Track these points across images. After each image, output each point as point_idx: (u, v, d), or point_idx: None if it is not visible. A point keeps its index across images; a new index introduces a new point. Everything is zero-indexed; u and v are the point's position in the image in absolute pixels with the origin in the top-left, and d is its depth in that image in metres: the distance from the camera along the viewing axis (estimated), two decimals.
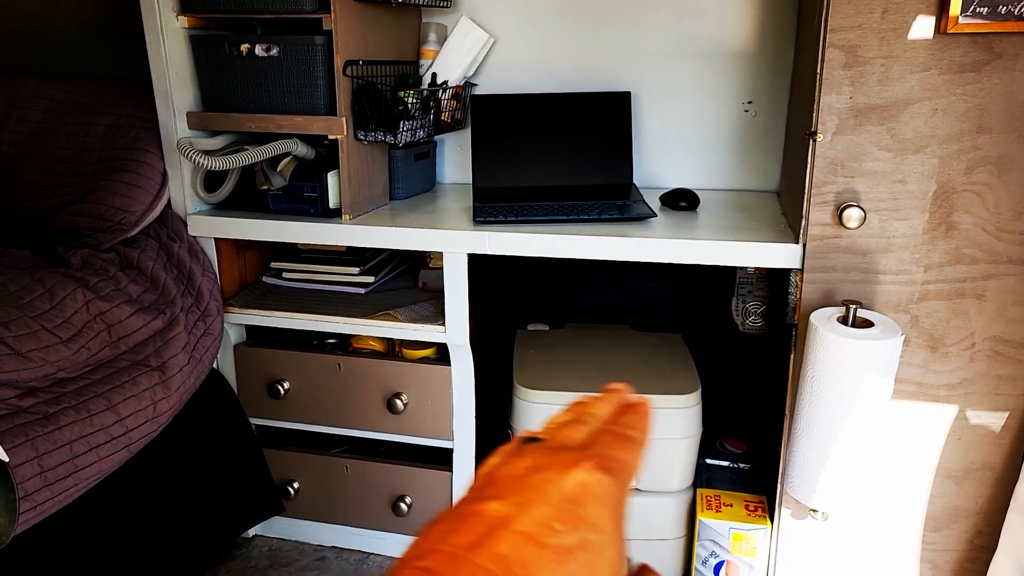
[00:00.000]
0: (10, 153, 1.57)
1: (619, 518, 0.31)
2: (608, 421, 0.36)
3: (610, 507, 0.31)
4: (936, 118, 1.13)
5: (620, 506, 0.31)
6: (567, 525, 0.29)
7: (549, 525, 0.29)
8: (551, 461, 0.32)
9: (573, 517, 0.30)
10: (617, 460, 0.33)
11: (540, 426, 0.36)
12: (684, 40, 1.67)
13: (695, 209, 1.54)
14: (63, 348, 1.18)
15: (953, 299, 1.19)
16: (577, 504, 0.30)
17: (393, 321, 1.50)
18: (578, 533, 0.29)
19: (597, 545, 0.30)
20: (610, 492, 0.31)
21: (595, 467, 0.31)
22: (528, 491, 0.30)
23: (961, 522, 1.29)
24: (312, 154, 1.51)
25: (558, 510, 0.30)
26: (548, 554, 0.28)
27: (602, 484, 0.31)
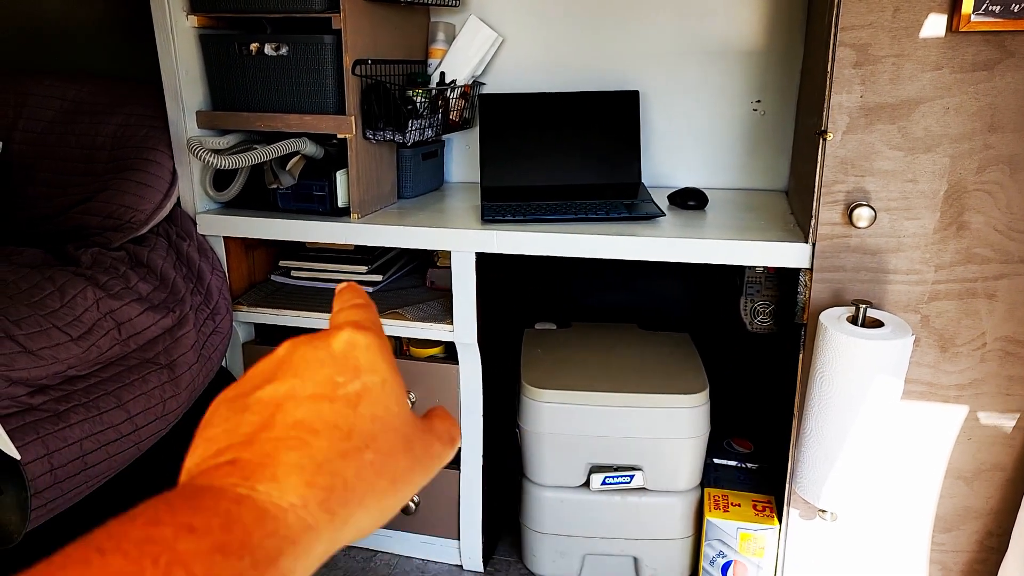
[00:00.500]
0: (21, 152, 1.57)
1: (390, 360, 0.33)
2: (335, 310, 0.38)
3: (378, 352, 0.32)
4: (948, 117, 1.12)
5: (388, 351, 0.33)
6: (347, 376, 0.31)
7: (332, 381, 0.31)
8: (311, 338, 0.33)
9: (351, 368, 0.31)
10: (365, 319, 0.35)
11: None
12: (692, 39, 1.67)
13: (703, 208, 1.54)
14: (73, 346, 1.19)
15: (964, 299, 1.18)
16: (351, 358, 0.32)
17: (401, 320, 1.50)
18: (360, 379, 0.31)
19: (379, 384, 0.32)
20: (373, 342, 0.33)
21: (352, 328, 0.33)
22: (300, 364, 0.31)
23: (971, 523, 1.28)
24: (321, 153, 1.51)
25: (335, 367, 0.31)
26: (340, 403, 0.30)
27: (364, 336, 0.33)
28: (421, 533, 1.63)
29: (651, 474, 1.46)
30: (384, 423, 0.31)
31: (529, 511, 1.54)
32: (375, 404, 0.31)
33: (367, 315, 0.36)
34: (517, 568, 1.63)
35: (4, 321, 1.12)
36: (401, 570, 1.62)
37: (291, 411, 0.29)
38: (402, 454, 0.31)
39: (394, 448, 0.31)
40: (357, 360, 0.32)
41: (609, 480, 1.46)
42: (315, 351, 0.32)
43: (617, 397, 1.42)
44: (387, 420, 0.31)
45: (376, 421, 0.31)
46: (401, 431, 0.32)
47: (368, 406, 0.31)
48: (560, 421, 1.44)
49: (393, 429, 0.31)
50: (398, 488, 0.31)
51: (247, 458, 0.28)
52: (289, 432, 0.29)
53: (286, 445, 0.28)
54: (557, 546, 1.53)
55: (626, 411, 1.42)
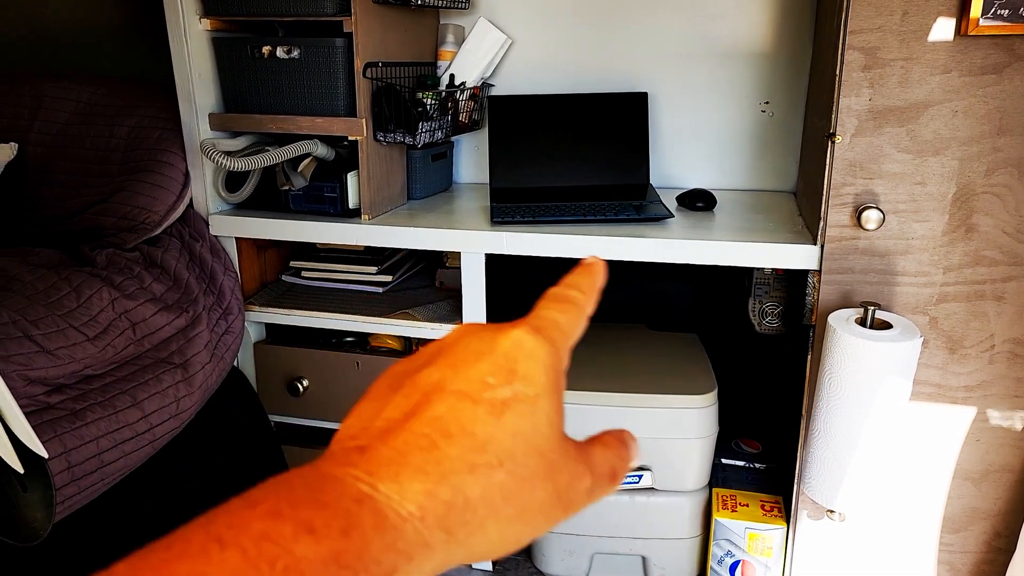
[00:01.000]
0: (37, 154, 1.59)
1: (555, 375, 0.30)
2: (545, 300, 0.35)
3: (544, 364, 0.30)
4: (956, 120, 1.13)
5: (556, 366, 0.31)
6: (500, 378, 0.29)
7: (483, 380, 0.29)
8: (485, 328, 0.31)
9: (506, 371, 0.29)
10: (553, 322, 0.32)
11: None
12: (701, 41, 1.67)
13: (712, 210, 1.55)
14: (89, 345, 1.20)
15: (972, 301, 1.19)
16: (511, 359, 0.29)
17: (411, 320, 1.51)
18: (512, 386, 0.29)
19: (532, 397, 0.29)
20: (544, 350, 0.30)
21: (529, 330, 0.31)
22: (461, 353, 0.30)
23: (979, 524, 1.28)
24: (332, 155, 1.53)
25: (491, 365, 0.29)
26: (483, 408, 0.28)
27: (535, 342, 0.30)
28: None
29: (659, 474, 1.47)
30: (527, 442, 0.28)
31: None
32: (521, 418, 0.28)
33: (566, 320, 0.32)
34: (526, 567, 1.64)
35: (22, 321, 1.14)
36: None
37: (435, 403, 0.28)
38: (541, 482, 0.28)
39: (533, 473, 0.28)
40: (516, 364, 0.29)
41: None
42: (480, 342, 0.30)
43: (625, 397, 1.43)
44: (531, 439, 0.28)
45: (518, 438, 0.28)
46: (547, 456, 0.28)
47: (513, 418, 0.28)
48: (568, 420, 1.45)
49: (536, 451, 0.28)
50: (527, 520, 0.28)
51: (378, 449, 0.27)
52: (423, 428, 0.27)
53: (417, 444, 0.27)
54: (566, 545, 1.54)
55: (634, 411, 1.43)
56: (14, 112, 1.63)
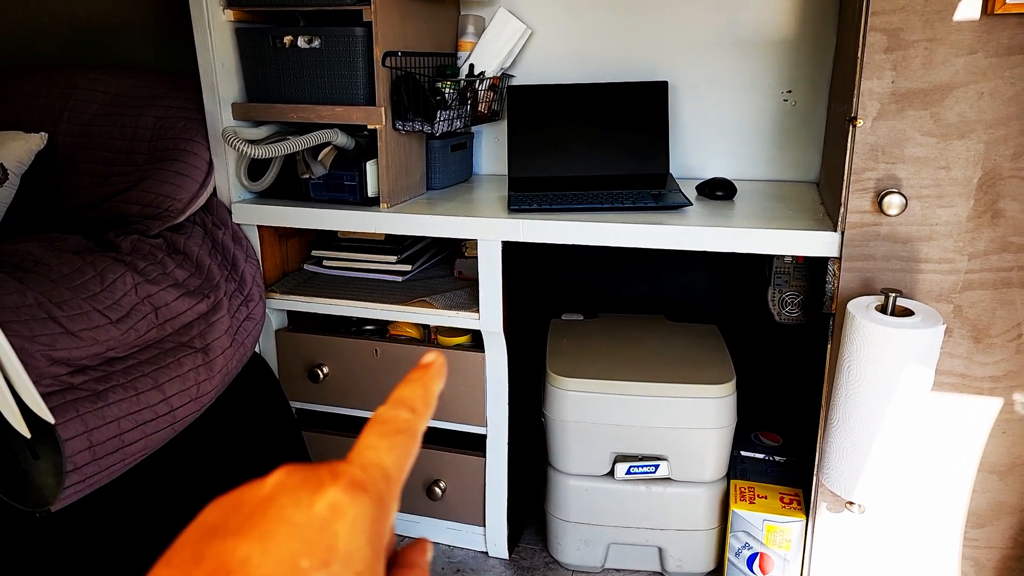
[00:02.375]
0: (67, 144, 1.63)
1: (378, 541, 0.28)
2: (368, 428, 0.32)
3: (366, 532, 0.27)
4: (982, 102, 1.10)
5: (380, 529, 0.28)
6: (315, 560, 0.26)
7: (295, 563, 0.26)
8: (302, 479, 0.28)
9: (322, 550, 0.26)
10: (379, 468, 0.29)
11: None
12: (722, 29, 1.65)
13: (732, 198, 1.53)
14: (112, 328, 1.23)
15: (999, 288, 1.16)
16: (327, 532, 0.27)
17: (429, 307, 1.52)
18: (328, 569, 0.26)
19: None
20: (367, 516, 0.27)
21: (347, 487, 0.27)
22: (273, 521, 0.27)
23: (1005, 519, 1.25)
24: (352, 144, 1.54)
25: (305, 543, 0.26)
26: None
27: (357, 508, 0.27)
28: (447, 519, 1.65)
29: (676, 464, 1.45)
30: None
31: (554, 499, 1.54)
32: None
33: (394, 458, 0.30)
34: (542, 556, 1.64)
35: (47, 303, 1.17)
36: None
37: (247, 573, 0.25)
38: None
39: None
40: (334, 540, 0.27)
41: (634, 469, 1.46)
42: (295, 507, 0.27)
43: (642, 386, 1.42)
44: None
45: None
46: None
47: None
48: (585, 410, 1.45)
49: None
50: None
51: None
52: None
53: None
54: (582, 535, 1.54)
55: (651, 400, 1.42)
56: (46, 103, 1.67)
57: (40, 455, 0.81)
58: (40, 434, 0.83)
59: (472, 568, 1.61)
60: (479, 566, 1.61)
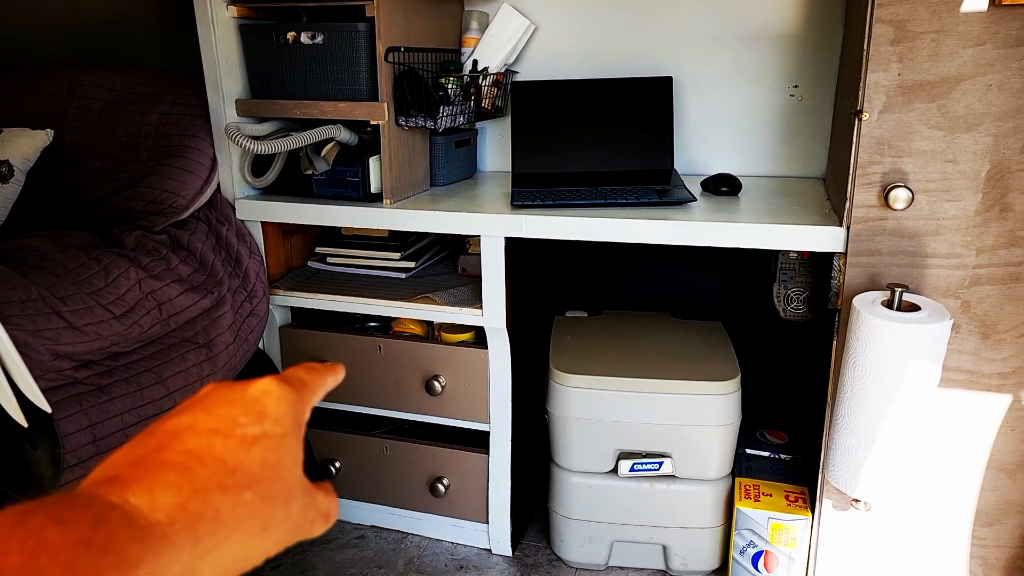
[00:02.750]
0: (72, 140, 1.64)
1: (299, 420, 0.34)
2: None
3: (291, 408, 0.34)
4: (990, 94, 1.09)
5: (300, 412, 0.35)
6: (251, 419, 0.32)
7: (235, 420, 0.32)
8: (235, 383, 0.34)
9: (256, 413, 0.33)
10: (299, 379, 0.36)
11: None
12: (727, 23, 1.64)
13: (737, 194, 1.52)
14: (116, 323, 1.23)
15: (1007, 284, 1.14)
16: (260, 404, 0.33)
17: (432, 304, 1.52)
18: (261, 425, 0.32)
19: (279, 435, 0.33)
20: (291, 397, 0.34)
21: (274, 380, 0.34)
22: (212, 401, 0.33)
23: (1014, 517, 1.23)
24: (355, 140, 1.54)
25: (242, 408, 0.33)
26: (234, 442, 0.31)
27: (283, 390, 0.34)
28: (451, 516, 1.65)
29: (680, 461, 1.44)
30: (273, 471, 0.32)
31: (557, 496, 1.54)
32: (269, 451, 0.32)
33: (311, 379, 0.37)
34: (546, 553, 1.63)
35: (51, 298, 1.17)
36: (431, 552, 1.64)
37: (186, 439, 0.31)
38: (281, 506, 0.32)
39: (275, 496, 0.32)
40: (265, 407, 0.33)
41: (637, 466, 1.45)
42: (230, 392, 0.33)
43: (646, 383, 1.41)
44: (277, 469, 0.32)
45: (265, 467, 0.32)
46: (288, 484, 0.33)
47: (261, 451, 0.32)
48: (588, 406, 1.44)
49: (280, 479, 0.32)
50: (268, 535, 0.32)
51: (128, 475, 0.29)
52: (176, 457, 0.30)
53: (170, 466, 0.29)
54: (585, 532, 1.53)
55: (655, 397, 1.41)
56: (51, 100, 1.68)
57: (39, 445, 0.81)
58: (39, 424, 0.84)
59: (475, 565, 1.60)
60: (482, 563, 1.61)
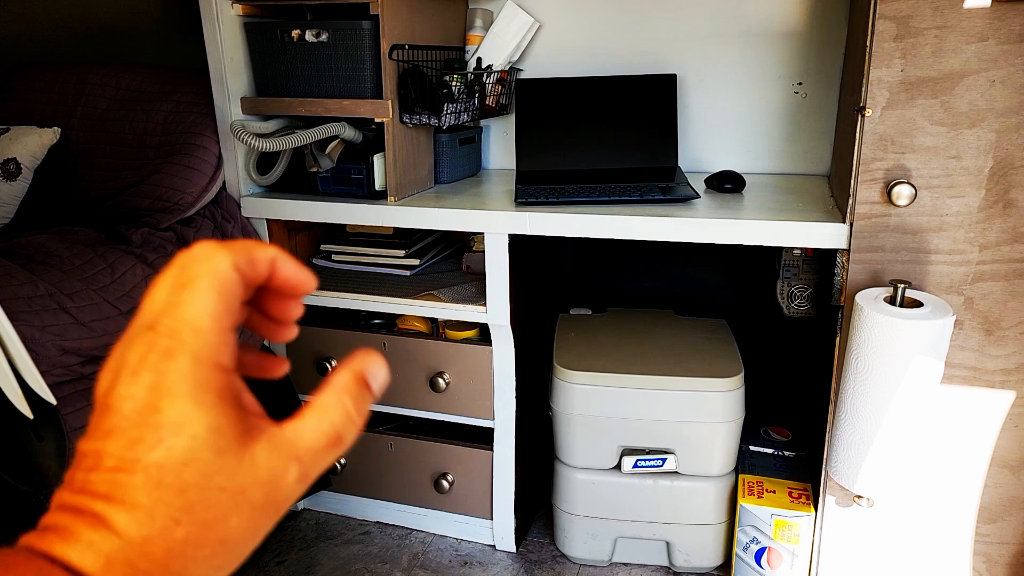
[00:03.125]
0: (79, 138, 1.65)
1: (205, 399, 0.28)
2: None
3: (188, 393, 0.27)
4: (993, 90, 1.08)
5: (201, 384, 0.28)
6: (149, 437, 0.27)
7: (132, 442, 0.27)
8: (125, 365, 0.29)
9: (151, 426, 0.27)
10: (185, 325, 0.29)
11: None
12: (732, 20, 1.64)
13: (740, 191, 1.52)
14: (123, 319, 1.24)
15: (1011, 280, 1.14)
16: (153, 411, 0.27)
17: (436, 301, 1.52)
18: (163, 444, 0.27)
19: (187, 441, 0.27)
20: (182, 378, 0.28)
21: (160, 357, 0.28)
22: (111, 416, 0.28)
23: (1017, 514, 1.23)
24: (359, 137, 1.54)
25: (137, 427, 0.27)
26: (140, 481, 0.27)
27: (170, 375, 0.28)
28: (455, 512, 1.65)
29: (684, 458, 1.45)
30: (200, 488, 0.27)
31: (561, 493, 1.54)
32: (184, 470, 0.27)
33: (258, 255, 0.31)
34: (550, 549, 1.64)
35: (58, 294, 1.18)
36: (435, 548, 1.65)
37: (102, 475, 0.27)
38: (233, 513, 0.27)
39: (219, 511, 0.27)
40: (160, 417, 0.27)
41: (641, 463, 1.46)
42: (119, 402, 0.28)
43: (649, 380, 1.42)
44: (205, 483, 0.27)
45: (188, 491, 0.26)
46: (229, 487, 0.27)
47: (173, 476, 0.26)
48: (591, 403, 1.45)
49: (217, 488, 0.27)
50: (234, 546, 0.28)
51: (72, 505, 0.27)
52: (95, 502, 0.26)
53: (92, 512, 0.26)
54: (589, 528, 1.53)
55: (658, 394, 1.41)
56: (59, 99, 1.69)
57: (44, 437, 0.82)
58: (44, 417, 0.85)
59: (479, 561, 1.61)
60: (486, 559, 1.62)
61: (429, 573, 1.58)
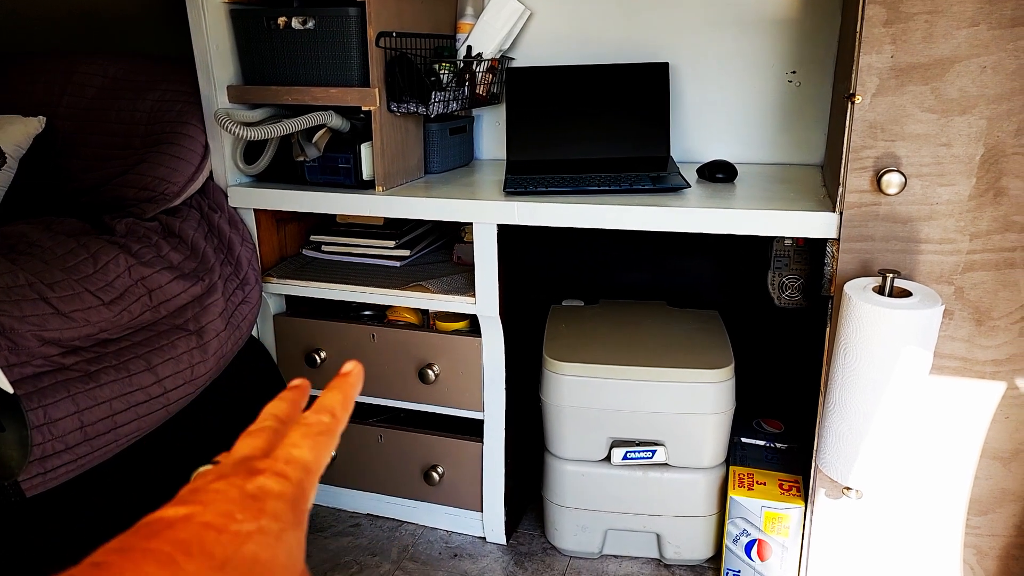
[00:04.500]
0: (65, 128, 1.64)
1: (300, 513, 0.33)
2: (295, 417, 0.39)
3: (289, 503, 0.33)
4: (984, 76, 1.07)
5: (301, 504, 0.34)
6: (248, 515, 0.31)
7: (232, 515, 0.31)
8: (233, 471, 0.33)
9: (254, 510, 0.32)
10: (300, 464, 0.35)
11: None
12: (725, 8, 1.62)
13: (732, 181, 1.50)
14: (105, 310, 1.23)
15: (1002, 269, 1.13)
16: (257, 500, 0.32)
17: (424, 292, 1.51)
18: (258, 522, 0.31)
19: (276, 532, 0.31)
20: (290, 493, 0.33)
21: (273, 476, 0.33)
22: (211, 494, 0.32)
23: (1008, 506, 1.22)
24: (347, 126, 1.53)
25: (240, 505, 0.31)
26: (227, 537, 0.30)
27: (280, 486, 0.33)
28: (445, 504, 1.65)
29: (674, 450, 1.44)
30: (265, 568, 0.31)
31: (551, 485, 1.53)
32: (263, 548, 0.31)
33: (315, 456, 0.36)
34: (540, 542, 1.63)
35: (38, 284, 1.17)
36: (425, 540, 1.64)
37: (179, 530, 0.30)
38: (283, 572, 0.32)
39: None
40: (263, 505, 0.32)
41: (630, 455, 1.45)
42: (229, 487, 0.32)
43: (638, 371, 1.40)
44: (270, 566, 0.31)
45: (257, 564, 0.30)
46: (287, 565, 0.32)
47: (255, 547, 0.30)
48: (580, 394, 1.43)
49: (272, 574, 0.31)
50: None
51: (113, 561, 0.28)
52: (165, 547, 0.29)
53: (156, 559, 0.28)
54: (579, 520, 1.53)
55: (647, 385, 1.40)
56: (44, 88, 1.68)
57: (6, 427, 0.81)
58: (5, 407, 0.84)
59: (469, 553, 1.60)
60: (476, 551, 1.61)
61: (419, 565, 1.57)
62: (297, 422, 0.38)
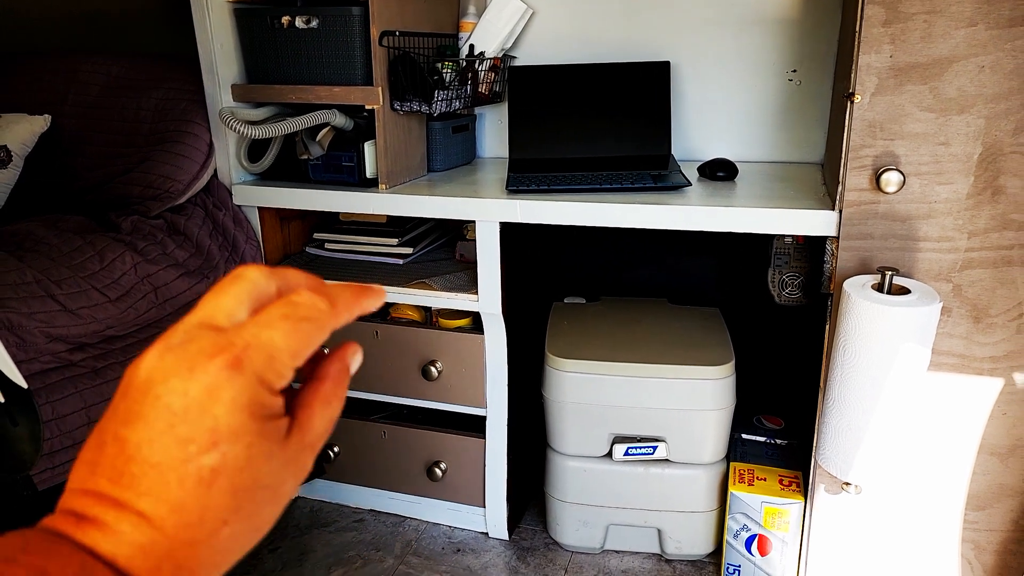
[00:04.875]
0: (70, 126, 1.65)
1: (263, 410, 0.28)
2: (284, 293, 0.32)
3: (246, 407, 0.28)
4: (983, 76, 1.08)
5: (262, 400, 0.28)
6: (202, 443, 0.27)
7: (184, 446, 0.27)
8: (174, 361, 0.28)
9: (206, 432, 0.27)
10: (262, 349, 0.29)
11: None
12: (726, 7, 1.63)
13: (733, 179, 1.51)
14: (111, 307, 1.25)
15: (999, 267, 1.14)
16: (206, 415, 0.27)
17: (427, 289, 1.52)
18: (218, 449, 0.27)
19: (243, 450, 0.27)
20: (244, 390, 0.28)
21: (223, 367, 0.27)
22: (152, 409, 0.27)
23: (1006, 501, 1.23)
24: (351, 125, 1.54)
25: (187, 427, 0.27)
26: (191, 483, 0.26)
27: (232, 386, 0.27)
28: (448, 500, 1.66)
29: (675, 445, 1.45)
30: (250, 490, 0.28)
31: (553, 480, 1.55)
32: (236, 475, 0.27)
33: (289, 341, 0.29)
34: (542, 537, 1.64)
35: (45, 281, 1.18)
36: (428, 536, 1.65)
37: (141, 479, 0.27)
38: (271, 504, 0.29)
39: (262, 506, 0.29)
40: (215, 422, 0.27)
41: (632, 451, 1.46)
42: (172, 397, 0.27)
43: (640, 368, 1.42)
44: (254, 485, 0.28)
45: (238, 493, 0.28)
46: (272, 485, 0.29)
47: (227, 480, 0.27)
48: (583, 391, 1.45)
49: (261, 487, 0.28)
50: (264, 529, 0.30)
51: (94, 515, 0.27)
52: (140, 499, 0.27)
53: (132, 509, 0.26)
54: (580, 515, 1.54)
55: (649, 381, 1.41)
56: (49, 87, 1.69)
57: (19, 422, 0.82)
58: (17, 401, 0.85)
59: (472, 549, 1.62)
60: (479, 547, 1.62)
61: (422, 560, 1.58)
62: (285, 298, 0.31)
